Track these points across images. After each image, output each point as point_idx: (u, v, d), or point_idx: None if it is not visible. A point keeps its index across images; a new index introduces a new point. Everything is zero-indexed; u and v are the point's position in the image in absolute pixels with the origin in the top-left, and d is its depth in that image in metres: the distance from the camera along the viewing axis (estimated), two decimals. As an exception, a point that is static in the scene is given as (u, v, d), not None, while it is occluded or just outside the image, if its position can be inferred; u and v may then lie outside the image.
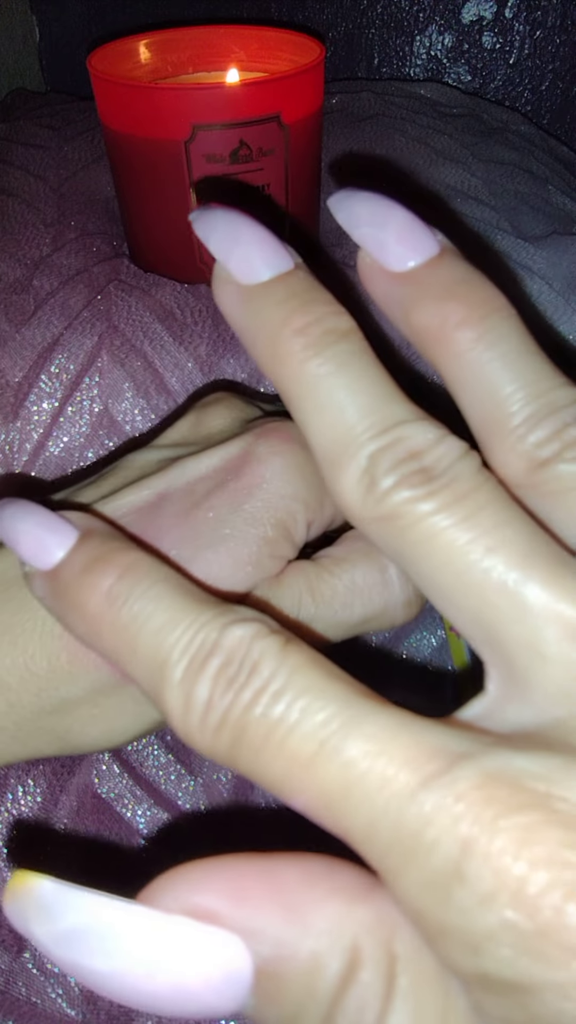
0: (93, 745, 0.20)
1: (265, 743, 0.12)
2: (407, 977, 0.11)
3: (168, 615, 0.13)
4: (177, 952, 0.10)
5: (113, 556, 0.15)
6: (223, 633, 0.13)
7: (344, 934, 0.11)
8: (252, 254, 0.15)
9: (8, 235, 0.41)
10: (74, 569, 0.15)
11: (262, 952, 0.11)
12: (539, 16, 0.60)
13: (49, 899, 0.10)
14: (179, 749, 0.33)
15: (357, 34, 0.63)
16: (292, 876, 0.11)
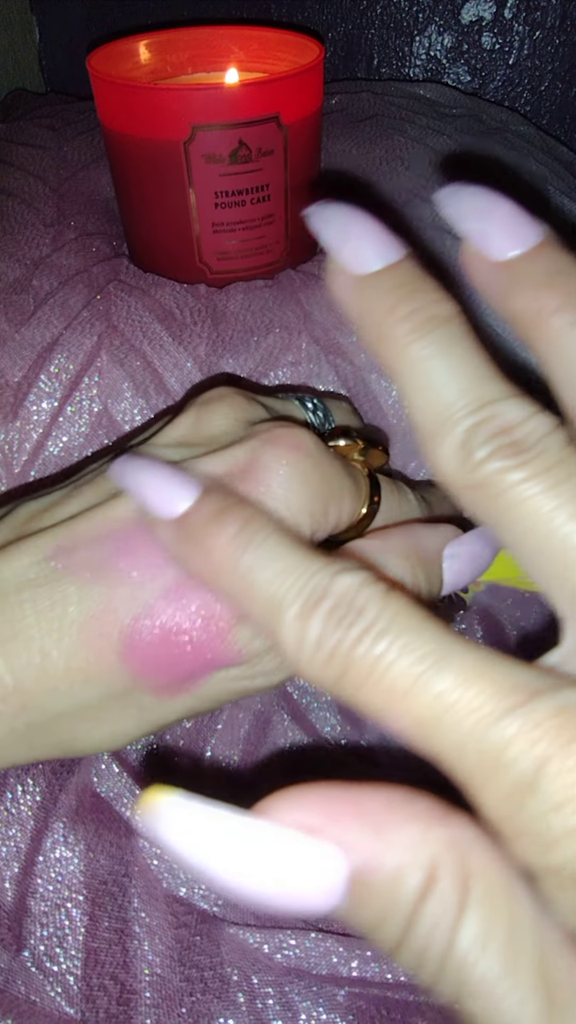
0: (95, 748, 0.20)
1: (368, 676, 0.13)
2: (480, 888, 0.12)
3: (284, 563, 0.15)
4: (287, 858, 0.12)
5: (234, 509, 0.17)
6: (333, 580, 0.14)
7: (423, 851, 0.12)
8: (363, 246, 0.17)
9: (8, 235, 0.41)
10: (200, 518, 0.17)
11: (354, 863, 0.12)
12: (538, 17, 0.61)
13: (178, 812, 0.12)
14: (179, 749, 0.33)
15: (356, 35, 0.63)
16: (376, 802, 0.13)
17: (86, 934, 0.27)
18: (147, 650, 0.18)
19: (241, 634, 0.19)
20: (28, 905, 0.28)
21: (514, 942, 0.12)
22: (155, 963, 0.27)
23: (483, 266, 0.17)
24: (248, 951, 0.27)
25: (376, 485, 0.23)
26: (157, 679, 0.19)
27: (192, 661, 0.19)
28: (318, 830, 0.12)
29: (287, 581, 0.15)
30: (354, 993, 0.26)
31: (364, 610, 0.14)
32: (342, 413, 0.27)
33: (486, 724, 0.12)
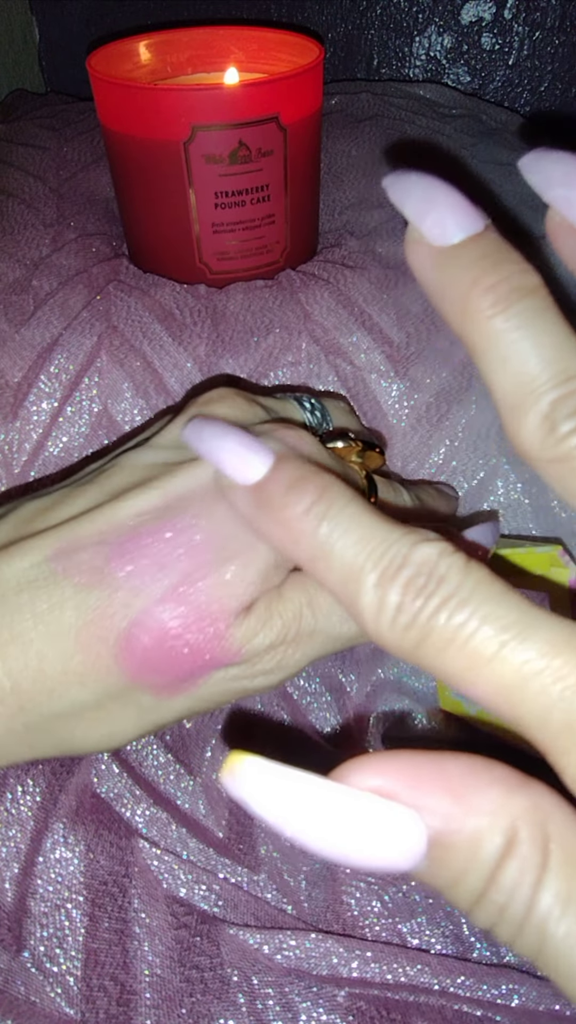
0: (94, 747, 0.20)
1: (450, 644, 0.13)
2: (560, 853, 0.12)
3: (362, 531, 0.15)
4: (366, 821, 0.12)
5: (312, 477, 0.17)
6: (413, 549, 0.14)
7: (504, 816, 0.12)
8: (446, 217, 0.16)
9: (8, 236, 0.41)
10: (278, 486, 0.17)
11: (434, 825, 0.12)
12: (538, 17, 0.61)
13: (262, 773, 0.13)
14: (178, 749, 0.33)
15: (356, 35, 0.63)
16: (457, 769, 0.13)
17: (86, 935, 0.27)
18: (144, 653, 0.19)
19: (239, 634, 0.19)
20: (28, 906, 0.28)
21: None
22: (155, 964, 0.27)
23: (570, 234, 0.16)
24: (248, 952, 0.27)
25: (373, 486, 0.23)
26: (155, 681, 0.19)
27: (190, 662, 0.19)
28: (397, 795, 0.13)
29: (366, 549, 0.15)
30: (354, 994, 0.26)
31: (445, 579, 0.14)
32: (339, 413, 0.27)
33: (572, 692, 0.12)
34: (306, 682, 0.35)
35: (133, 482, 0.21)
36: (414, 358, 0.35)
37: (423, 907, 0.29)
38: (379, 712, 0.35)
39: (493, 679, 0.13)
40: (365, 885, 0.30)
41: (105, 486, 0.21)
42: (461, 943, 0.28)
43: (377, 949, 0.27)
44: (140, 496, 0.20)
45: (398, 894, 0.29)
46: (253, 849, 0.30)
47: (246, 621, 0.19)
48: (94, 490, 0.21)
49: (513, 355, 0.15)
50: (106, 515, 0.20)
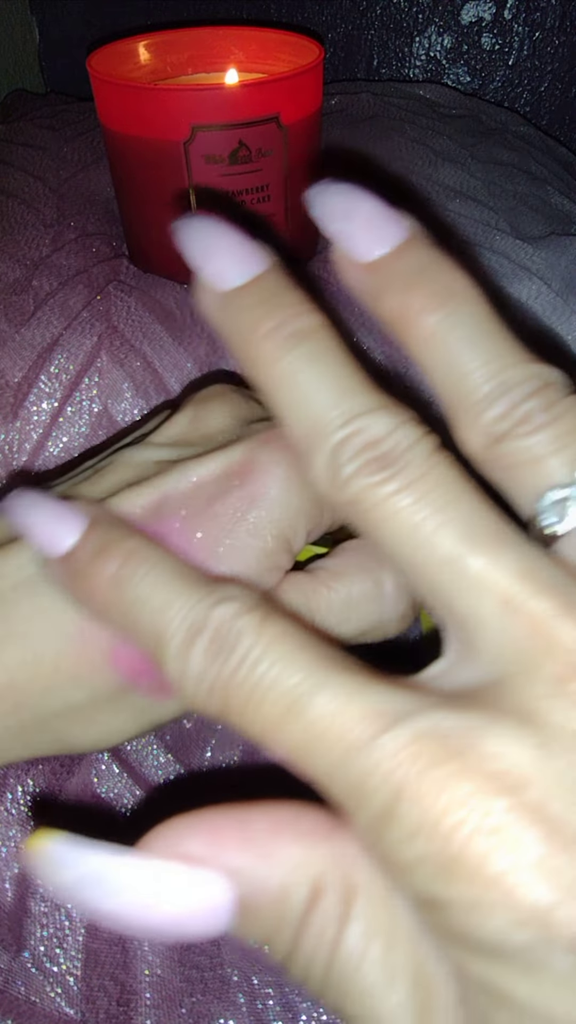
0: (91, 746, 0.20)
1: (246, 704, 0.14)
2: (362, 901, 0.13)
3: (164, 596, 0.15)
4: (169, 890, 0.12)
5: (117, 543, 0.16)
6: (209, 612, 0.14)
7: (308, 869, 0.13)
8: (227, 261, 0.17)
9: (8, 236, 0.41)
10: (84, 556, 0.17)
11: (239, 887, 0.13)
12: (538, 17, 0.61)
13: (61, 854, 0.13)
14: (178, 748, 0.33)
15: (356, 35, 0.63)
16: (262, 824, 0.13)
17: (86, 935, 0.27)
18: (134, 656, 0.18)
19: None
20: (28, 906, 0.28)
21: (393, 950, 0.12)
22: (155, 964, 0.27)
23: (352, 268, 0.16)
24: (248, 951, 0.27)
25: None
26: (148, 683, 0.19)
27: None
28: (202, 859, 0.13)
29: (168, 615, 0.15)
30: (354, 993, 0.26)
31: (239, 639, 0.14)
32: None
33: (354, 752, 0.12)
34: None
35: (128, 480, 0.20)
36: (414, 358, 0.35)
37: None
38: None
39: (287, 739, 0.13)
40: (365, 885, 0.30)
41: (100, 484, 0.21)
42: (461, 943, 0.28)
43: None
44: (134, 494, 0.20)
45: (398, 894, 0.29)
46: (253, 849, 0.31)
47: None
48: (89, 488, 0.21)
49: (298, 400, 0.15)
50: None
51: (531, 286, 0.37)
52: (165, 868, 0.13)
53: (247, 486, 0.19)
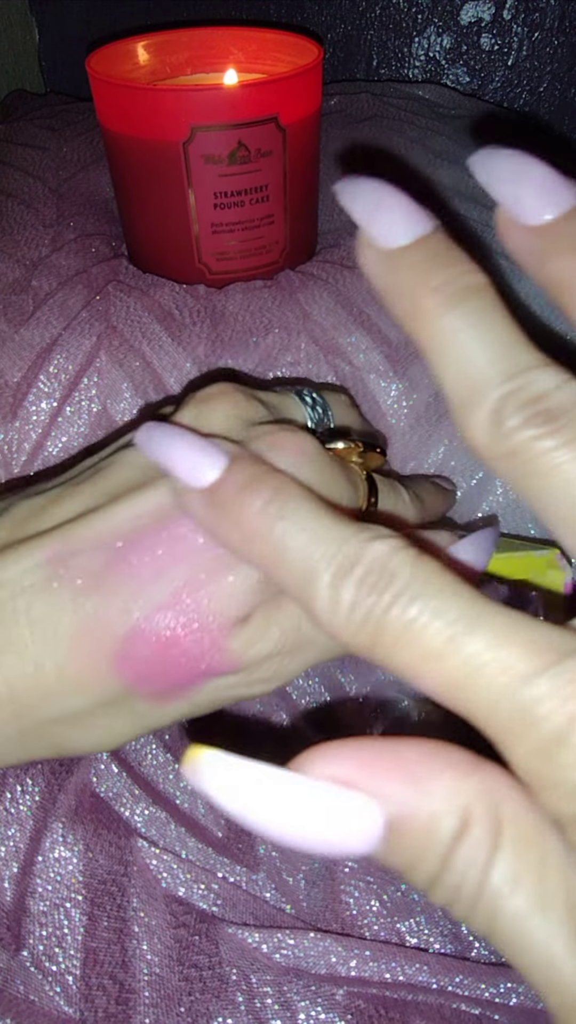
0: (89, 750, 0.20)
1: (400, 639, 0.14)
2: (511, 833, 0.13)
3: (315, 531, 0.15)
4: (322, 809, 0.13)
5: (265, 477, 0.17)
6: (364, 547, 0.15)
7: (457, 799, 0.13)
8: (393, 220, 0.17)
9: (7, 236, 0.41)
10: (231, 488, 0.17)
11: (390, 811, 0.13)
12: (537, 18, 0.61)
13: (218, 764, 0.13)
14: (177, 748, 0.33)
15: (356, 35, 0.63)
16: (413, 755, 0.13)
17: (85, 934, 0.27)
18: (140, 661, 0.18)
19: (237, 644, 0.19)
20: (27, 905, 0.28)
21: (544, 882, 0.13)
22: (154, 963, 0.27)
23: (518, 231, 0.16)
24: (247, 950, 0.27)
25: (373, 487, 0.23)
26: (151, 688, 0.19)
27: (186, 671, 0.19)
28: (355, 782, 0.13)
29: (319, 549, 0.15)
30: (353, 992, 0.26)
31: (396, 575, 0.14)
32: (341, 407, 0.27)
33: (519, 682, 0.13)
34: (305, 682, 0.35)
35: (131, 482, 0.20)
36: (413, 358, 0.35)
37: (422, 906, 0.29)
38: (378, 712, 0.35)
39: (443, 672, 0.13)
40: (364, 884, 0.30)
41: (102, 486, 0.21)
42: (460, 942, 0.28)
43: (375, 948, 0.27)
44: (138, 498, 0.20)
45: (397, 893, 0.29)
46: (252, 848, 0.30)
47: (244, 631, 0.19)
48: (91, 490, 0.21)
49: (461, 354, 0.15)
50: (103, 517, 0.20)
51: (530, 286, 0.37)
52: (319, 786, 0.13)
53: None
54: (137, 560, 0.19)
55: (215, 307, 0.36)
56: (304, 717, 0.34)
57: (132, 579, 0.19)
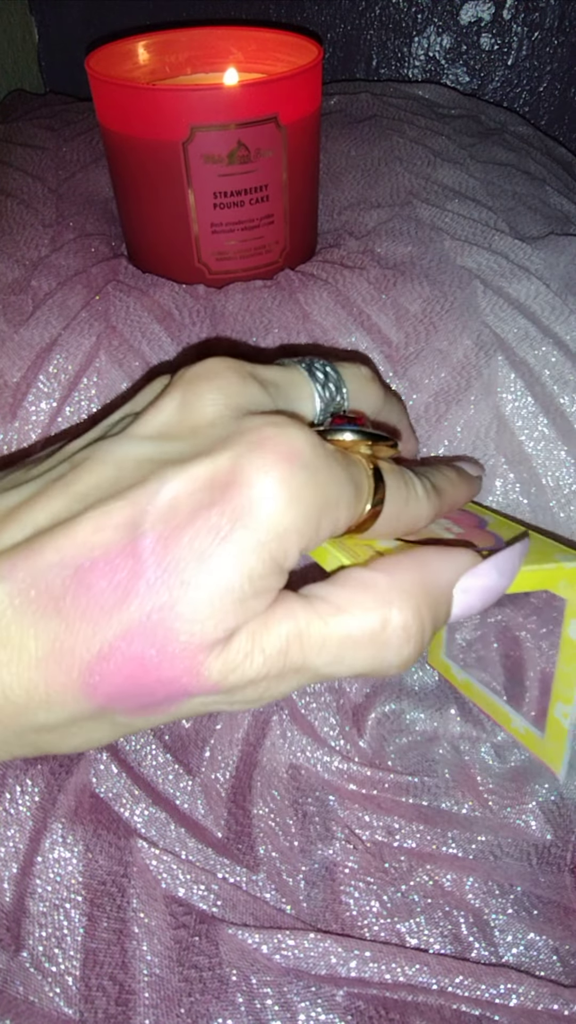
0: (74, 751, 0.19)
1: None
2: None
3: None
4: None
5: None
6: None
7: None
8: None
9: (7, 236, 0.41)
10: None
11: None
12: (537, 18, 0.61)
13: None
14: (177, 749, 0.33)
15: (355, 35, 0.63)
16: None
17: (85, 935, 0.27)
18: (112, 685, 0.17)
19: (217, 667, 0.17)
20: (27, 906, 0.28)
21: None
22: (154, 963, 0.27)
23: None
24: (247, 951, 0.27)
25: (380, 482, 0.21)
26: (125, 707, 0.18)
27: (162, 693, 0.17)
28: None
29: None
30: (353, 993, 0.26)
31: None
32: (359, 382, 0.24)
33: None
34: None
35: (102, 485, 0.19)
36: (413, 358, 0.35)
37: (421, 907, 0.29)
38: (379, 712, 0.35)
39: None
40: (364, 885, 0.30)
41: (74, 488, 0.19)
42: (459, 943, 0.28)
43: (376, 949, 0.27)
44: (105, 509, 0.18)
45: (396, 894, 0.29)
46: (252, 849, 0.30)
47: (224, 654, 0.17)
48: (62, 493, 0.19)
49: None
50: (69, 532, 0.18)
51: (530, 286, 0.37)
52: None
53: (231, 500, 0.17)
54: (99, 582, 0.17)
55: (215, 307, 0.36)
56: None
57: (94, 603, 0.17)
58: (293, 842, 0.31)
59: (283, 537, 0.17)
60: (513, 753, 0.34)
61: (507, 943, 0.28)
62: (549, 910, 0.29)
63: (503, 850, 0.31)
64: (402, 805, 0.32)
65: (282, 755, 0.33)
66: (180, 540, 0.17)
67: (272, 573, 0.17)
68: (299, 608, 0.18)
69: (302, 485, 0.18)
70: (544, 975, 0.27)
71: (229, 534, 0.17)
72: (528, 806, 0.32)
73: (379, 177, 0.46)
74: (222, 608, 0.17)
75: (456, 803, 0.32)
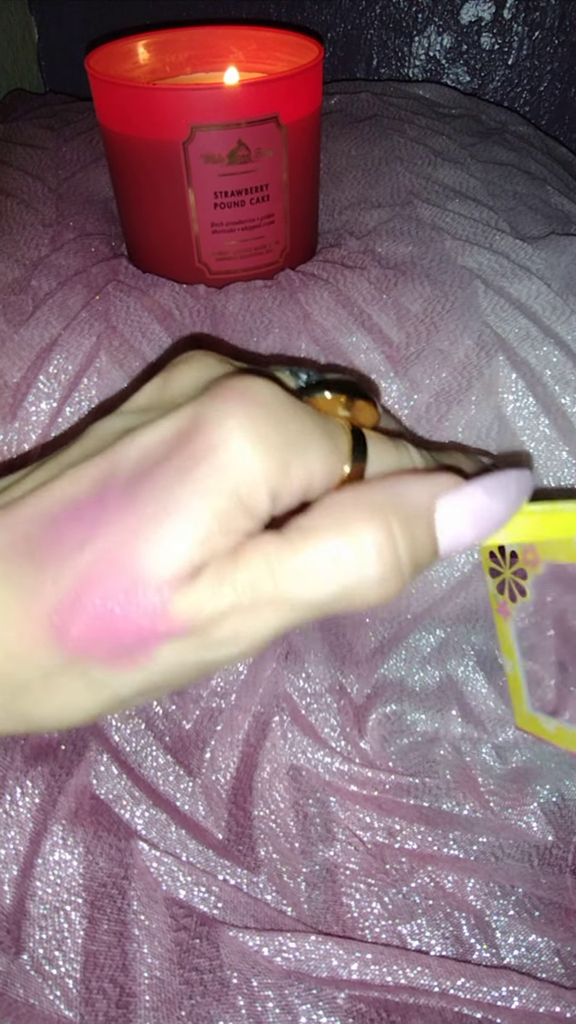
0: (55, 722, 0.19)
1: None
2: None
3: None
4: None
5: None
6: None
7: None
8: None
9: (7, 236, 0.41)
10: None
11: None
12: (537, 17, 0.60)
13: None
14: (177, 750, 0.33)
15: (356, 35, 0.63)
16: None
17: (85, 937, 0.27)
18: (79, 629, 0.17)
19: (184, 603, 0.17)
20: (27, 908, 0.28)
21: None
22: (154, 966, 0.27)
23: None
24: (248, 954, 0.27)
25: (362, 446, 0.20)
26: (96, 655, 0.18)
27: (131, 636, 0.18)
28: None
29: None
30: (354, 996, 0.26)
31: None
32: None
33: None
34: (306, 683, 0.34)
35: (87, 453, 0.19)
36: (414, 358, 0.35)
37: (423, 908, 0.29)
38: (380, 713, 0.35)
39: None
40: (365, 887, 0.30)
41: (62, 458, 0.20)
42: (461, 944, 0.28)
43: (377, 951, 0.27)
44: (84, 465, 0.18)
45: (398, 895, 0.29)
46: (253, 851, 0.30)
47: (191, 590, 0.17)
48: (52, 463, 0.20)
49: None
50: (48, 488, 0.18)
51: (531, 286, 0.37)
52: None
53: (193, 443, 0.18)
54: (67, 528, 0.18)
55: (215, 307, 0.35)
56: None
57: (61, 548, 0.18)
58: (294, 843, 0.31)
59: (247, 475, 0.17)
60: (514, 754, 0.34)
61: (509, 945, 0.28)
62: (551, 912, 0.29)
63: (504, 851, 0.31)
64: (403, 806, 0.32)
65: (283, 756, 0.33)
66: (144, 483, 0.17)
67: (239, 512, 0.18)
68: (268, 540, 0.18)
69: (265, 426, 0.18)
70: (546, 977, 0.27)
71: (192, 473, 0.17)
72: (529, 807, 0.32)
73: (380, 177, 0.46)
74: (185, 544, 0.17)
75: (457, 804, 0.32)
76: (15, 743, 0.31)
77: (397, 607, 0.36)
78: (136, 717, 0.33)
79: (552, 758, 0.34)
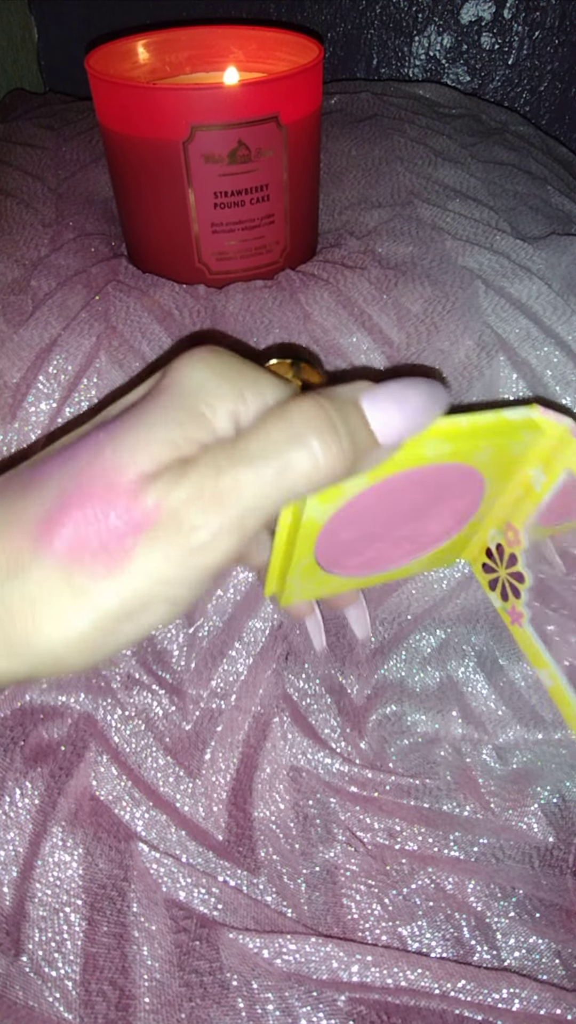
0: (51, 648, 0.20)
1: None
2: None
3: None
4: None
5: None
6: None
7: None
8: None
9: (6, 235, 0.40)
10: None
11: None
12: (538, 17, 0.60)
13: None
14: (178, 751, 0.33)
15: (356, 35, 0.63)
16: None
17: (85, 939, 0.27)
18: (61, 539, 0.19)
19: (151, 491, 0.19)
20: (26, 910, 0.28)
21: None
22: (154, 968, 0.27)
23: None
24: (248, 956, 0.27)
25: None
26: (81, 561, 0.19)
27: (108, 534, 0.19)
28: None
29: None
30: (354, 998, 0.26)
31: None
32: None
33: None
34: (306, 684, 0.34)
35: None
36: (414, 359, 0.35)
37: (423, 910, 0.29)
38: (380, 714, 0.34)
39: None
40: (365, 888, 0.30)
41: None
42: (461, 946, 0.28)
43: (377, 953, 0.27)
44: (84, 426, 0.22)
45: (398, 897, 0.29)
46: (253, 852, 0.30)
47: (156, 481, 0.20)
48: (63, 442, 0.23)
49: None
50: (53, 446, 0.22)
51: (531, 286, 0.37)
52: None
53: (161, 384, 0.21)
54: (52, 464, 0.21)
55: (215, 307, 0.35)
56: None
57: (44, 477, 0.20)
58: (294, 845, 0.31)
59: (205, 395, 0.21)
60: (515, 755, 0.34)
61: (509, 946, 0.28)
62: (551, 913, 0.29)
63: (505, 853, 0.31)
64: (403, 807, 0.32)
65: (283, 757, 0.33)
66: (120, 417, 0.21)
67: (198, 425, 0.20)
68: (224, 454, 0.21)
69: (218, 361, 0.21)
70: (546, 978, 0.27)
71: (157, 400, 0.21)
72: (530, 808, 0.32)
73: (380, 177, 0.46)
74: (149, 449, 0.20)
75: (458, 805, 0.32)
76: (15, 744, 0.31)
77: (397, 607, 0.35)
78: (136, 718, 0.33)
79: (553, 759, 0.34)
